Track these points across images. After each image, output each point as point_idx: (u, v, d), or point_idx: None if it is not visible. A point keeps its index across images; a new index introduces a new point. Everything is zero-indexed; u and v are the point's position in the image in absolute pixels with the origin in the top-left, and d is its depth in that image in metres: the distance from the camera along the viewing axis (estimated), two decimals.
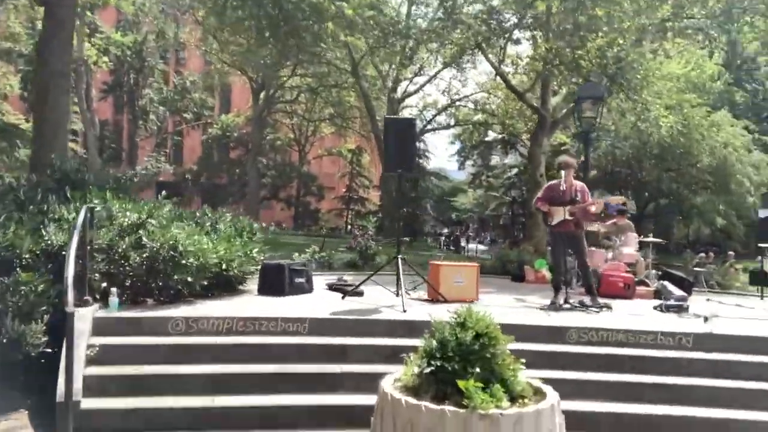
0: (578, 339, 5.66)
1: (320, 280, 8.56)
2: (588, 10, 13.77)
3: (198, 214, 7.78)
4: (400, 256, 6.89)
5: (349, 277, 8.76)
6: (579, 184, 7.68)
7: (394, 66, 27.51)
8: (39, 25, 19.24)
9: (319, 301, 7.00)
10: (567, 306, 7.20)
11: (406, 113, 37.09)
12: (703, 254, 18.02)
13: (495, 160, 42.68)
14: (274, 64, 35.02)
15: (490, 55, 18.81)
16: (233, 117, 48.36)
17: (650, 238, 10.20)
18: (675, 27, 31.37)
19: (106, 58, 38.95)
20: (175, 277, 5.89)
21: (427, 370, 3.38)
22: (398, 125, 7.31)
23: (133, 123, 46.91)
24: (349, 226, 47.21)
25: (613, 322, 6.22)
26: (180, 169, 50.97)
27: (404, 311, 6.18)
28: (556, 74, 17.69)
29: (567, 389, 4.03)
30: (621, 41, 15.12)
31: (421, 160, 39.16)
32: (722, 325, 6.20)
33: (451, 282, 7.18)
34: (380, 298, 6.95)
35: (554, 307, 7.15)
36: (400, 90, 32.73)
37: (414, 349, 3.58)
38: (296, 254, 11.13)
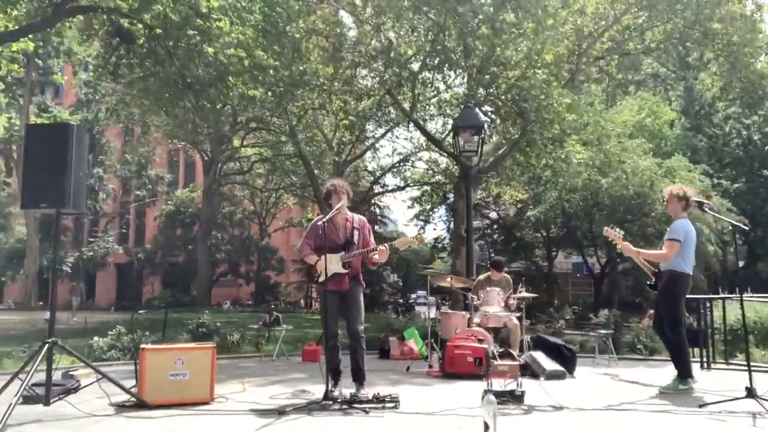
0: None
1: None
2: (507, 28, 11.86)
3: None
4: (50, 340, 4.46)
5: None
6: (357, 218, 5.45)
7: (336, 129, 25.86)
8: None
9: None
10: (332, 404, 4.76)
11: (355, 176, 35.37)
12: (652, 311, 15.61)
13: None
14: (219, 135, 33.85)
15: (403, 103, 16.92)
16: (188, 192, 46.59)
17: (522, 293, 7.81)
18: (632, 80, 30.43)
19: None
20: None
21: None
22: (44, 135, 4.74)
23: None
24: (311, 300, 44.63)
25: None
26: (135, 249, 48.77)
27: None
28: None
29: None
30: (536, 73, 13.19)
31: (376, 226, 36.95)
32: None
33: (164, 375, 4.78)
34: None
35: (318, 404, 4.73)
36: (351, 154, 30.83)
37: None
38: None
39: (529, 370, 6.69)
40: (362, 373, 5.23)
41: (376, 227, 37.07)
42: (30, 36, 16.36)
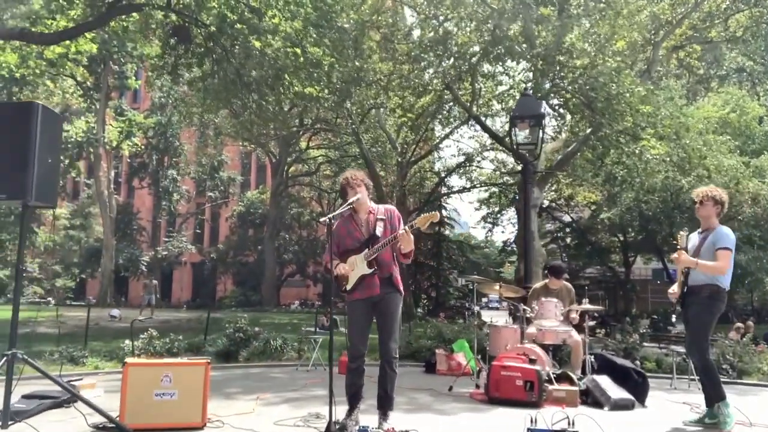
0: None
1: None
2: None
3: None
4: (9, 353, 3.84)
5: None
6: (382, 209, 4.60)
7: (399, 129, 25.25)
8: None
9: None
10: None
11: (419, 177, 34.54)
12: (740, 324, 14.10)
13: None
14: (286, 136, 33.91)
15: (461, 95, 16.02)
16: (258, 193, 47.14)
17: (585, 305, 6.75)
18: (715, 75, 28.27)
19: (129, 141, 38.75)
20: None
21: None
22: (4, 116, 4.00)
23: (157, 204, 46.24)
24: None
25: None
26: (208, 249, 49.79)
27: None
28: None
29: None
30: (605, 60, 12.02)
31: (442, 228, 35.90)
32: None
33: (149, 395, 4.16)
34: None
35: None
36: (414, 154, 30.02)
37: None
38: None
39: (591, 398, 5.71)
40: (389, 402, 4.41)
41: (443, 230, 35.98)
42: (89, 35, 16.49)
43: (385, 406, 4.40)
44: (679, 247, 5.01)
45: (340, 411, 4.27)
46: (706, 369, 4.89)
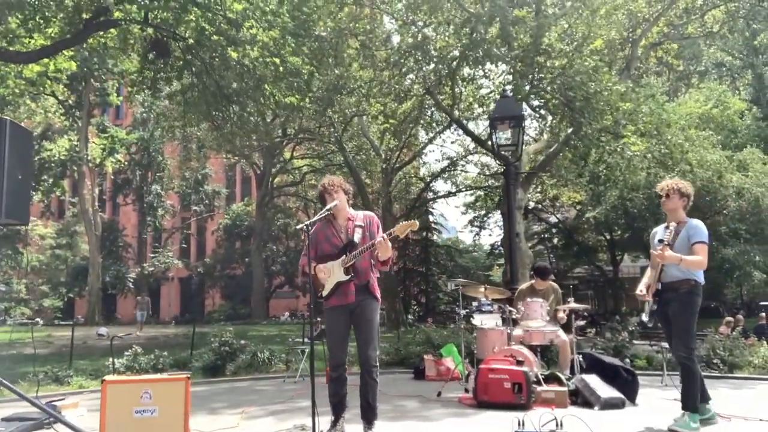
0: None
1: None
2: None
3: None
4: None
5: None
6: (361, 215, 4.56)
7: (383, 135, 25.19)
8: None
9: None
10: None
11: (404, 183, 34.49)
12: (730, 318, 14.15)
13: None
14: (269, 147, 33.76)
15: (441, 99, 16.01)
16: (243, 206, 46.88)
17: (570, 304, 6.72)
18: (694, 71, 28.54)
19: (112, 158, 38.47)
20: None
21: None
22: None
23: (142, 220, 45.86)
24: None
25: None
26: (195, 263, 49.41)
27: None
28: None
29: None
30: (584, 59, 12.07)
31: (430, 234, 35.91)
32: None
33: (128, 413, 4.06)
34: None
35: None
36: (399, 161, 29.92)
37: None
38: None
39: (581, 398, 5.67)
40: (372, 411, 4.32)
41: (431, 235, 35.97)
42: (68, 53, 16.33)
43: (369, 416, 4.32)
44: (665, 242, 4.90)
45: (325, 422, 4.20)
46: (690, 372, 4.71)
